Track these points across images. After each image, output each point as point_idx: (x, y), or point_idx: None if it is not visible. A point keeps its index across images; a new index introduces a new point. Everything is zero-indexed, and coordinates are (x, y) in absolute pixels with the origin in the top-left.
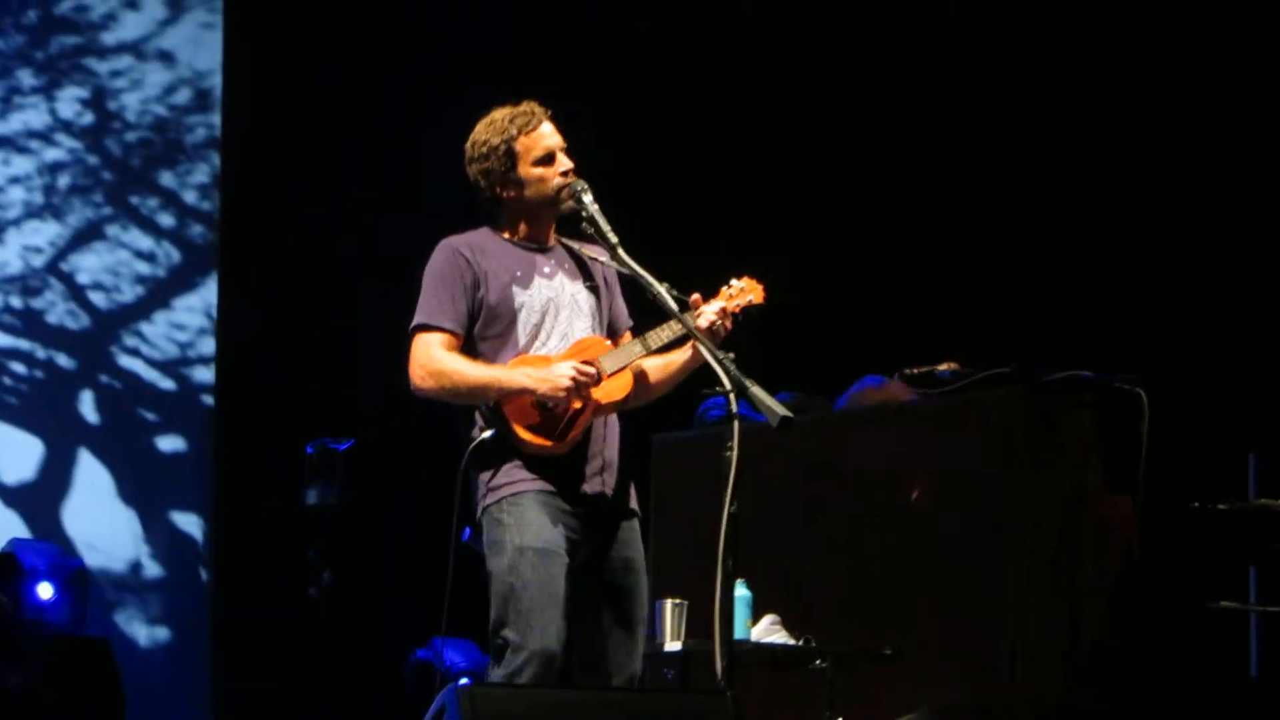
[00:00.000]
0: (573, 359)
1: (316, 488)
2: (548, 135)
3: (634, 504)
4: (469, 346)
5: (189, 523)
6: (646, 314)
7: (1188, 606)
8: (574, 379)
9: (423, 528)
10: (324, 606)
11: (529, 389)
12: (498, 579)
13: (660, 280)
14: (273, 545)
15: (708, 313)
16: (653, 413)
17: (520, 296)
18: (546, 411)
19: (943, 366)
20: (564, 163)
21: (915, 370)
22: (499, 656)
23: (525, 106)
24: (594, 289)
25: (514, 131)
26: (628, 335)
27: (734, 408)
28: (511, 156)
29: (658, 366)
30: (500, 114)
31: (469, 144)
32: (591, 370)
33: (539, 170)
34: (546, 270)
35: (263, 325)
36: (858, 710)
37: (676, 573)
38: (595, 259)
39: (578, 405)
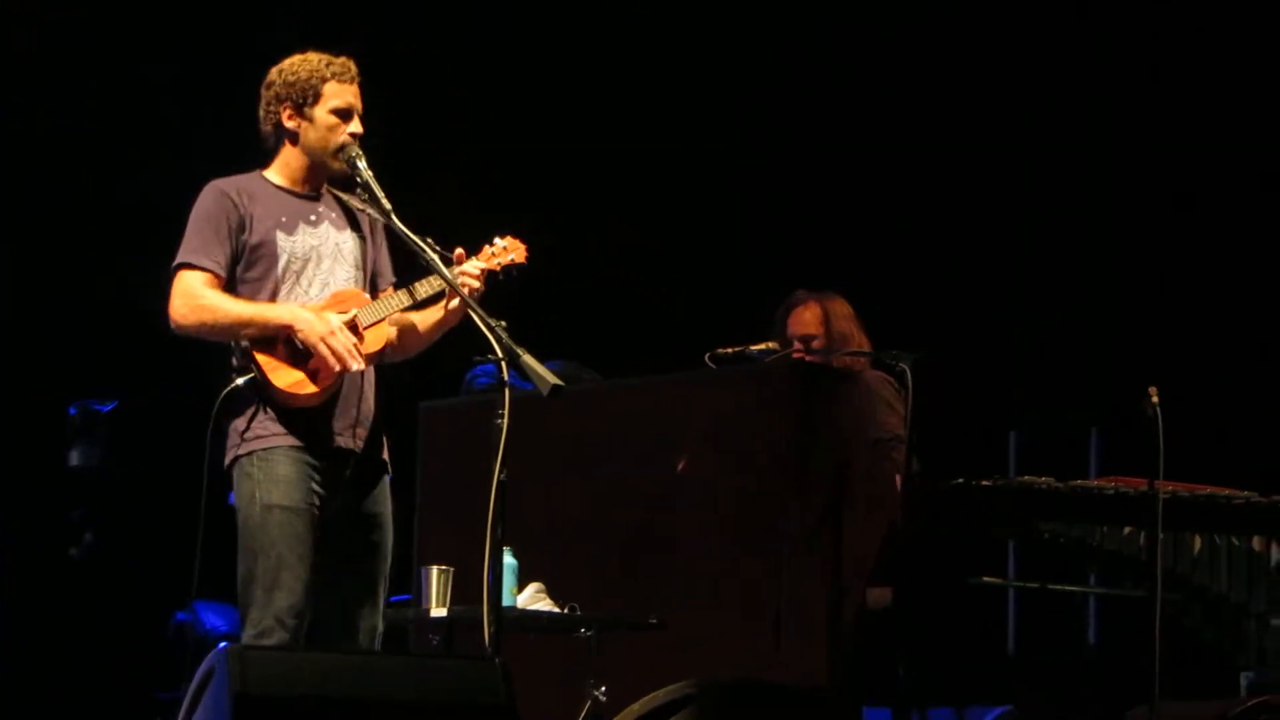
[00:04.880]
0: (330, 309)
1: (79, 448)
2: (353, 95)
3: (385, 458)
4: (229, 288)
5: None
6: (412, 268)
7: (949, 581)
8: (336, 333)
9: (185, 490)
10: (85, 567)
11: (290, 326)
12: (245, 535)
13: (425, 238)
14: (35, 505)
15: (467, 271)
16: (421, 379)
17: (283, 242)
18: (300, 359)
19: (757, 347)
20: (355, 126)
21: (728, 350)
22: (246, 615)
23: (345, 60)
24: (361, 239)
25: (327, 75)
26: (390, 290)
27: (505, 375)
28: (314, 95)
29: (421, 320)
30: (317, 55)
31: (274, 70)
32: (352, 340)
33: (332, 120)
34: (313, 218)
35: (25, 283)
36: (623, 680)
37: (442, 539)
38: (364, 210)
39: (333, 365)
